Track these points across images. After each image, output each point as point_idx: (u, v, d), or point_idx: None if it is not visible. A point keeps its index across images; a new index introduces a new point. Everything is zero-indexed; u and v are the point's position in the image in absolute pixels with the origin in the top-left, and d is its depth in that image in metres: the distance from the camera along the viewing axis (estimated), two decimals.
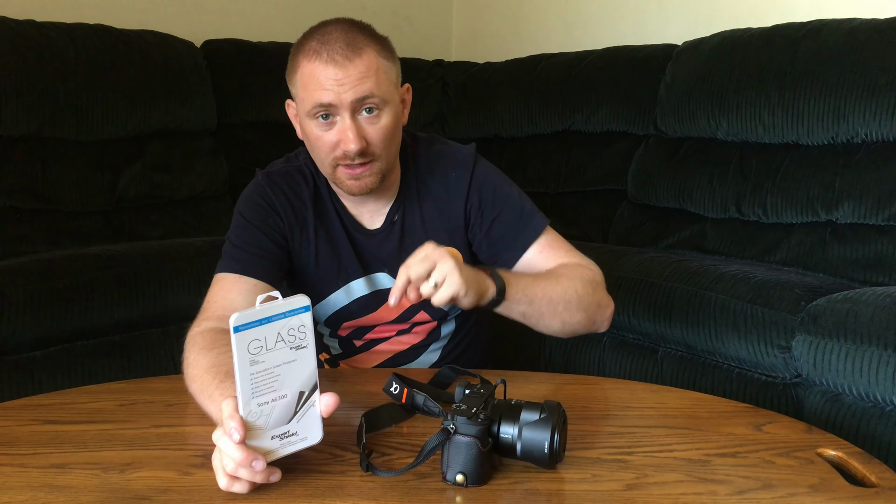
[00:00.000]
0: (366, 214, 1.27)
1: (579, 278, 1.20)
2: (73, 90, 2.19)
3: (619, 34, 2.71)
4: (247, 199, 1.25)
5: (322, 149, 1.15)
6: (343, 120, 1.12)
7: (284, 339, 0.82)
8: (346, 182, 1.17)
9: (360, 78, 1.10)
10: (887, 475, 0.86)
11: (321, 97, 1.11)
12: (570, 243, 1.29)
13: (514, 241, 1.25)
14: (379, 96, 1.12)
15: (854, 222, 1.87)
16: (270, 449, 0.82)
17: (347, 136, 1.11)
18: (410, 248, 1.26)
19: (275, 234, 1.23)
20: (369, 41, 1.13)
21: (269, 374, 0.81)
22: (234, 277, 1.17)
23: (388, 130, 1.15)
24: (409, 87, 1.23)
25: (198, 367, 1.01)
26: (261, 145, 2.58)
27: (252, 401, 0.81)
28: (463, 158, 1.27)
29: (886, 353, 1.36)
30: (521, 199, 1.28)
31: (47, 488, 0.80)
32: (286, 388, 0.83)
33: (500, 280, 1.11)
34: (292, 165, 1.28)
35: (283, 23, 2.87)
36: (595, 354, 1.89)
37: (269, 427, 0.82)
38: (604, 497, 0.81)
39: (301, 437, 0.84)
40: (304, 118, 1.16)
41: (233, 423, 0.80)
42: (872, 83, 1.85)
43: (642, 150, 2.40)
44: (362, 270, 1.27)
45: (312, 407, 0.85)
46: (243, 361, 0.80)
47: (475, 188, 1.26)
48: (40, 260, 1.75)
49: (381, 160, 1.16)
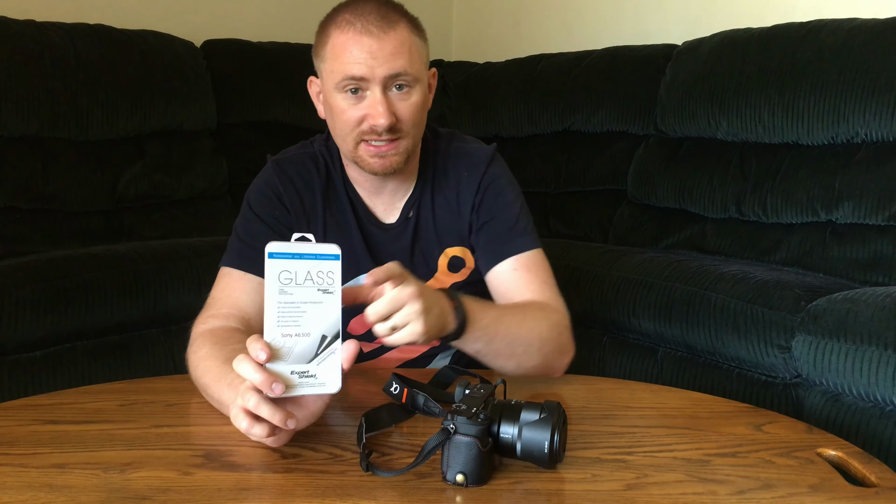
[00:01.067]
0: (380, 207, 1.24)
1: (546, 320, 1.13)
2: (73, 90, 2.19)
3: (619, 34, 2.72)
4: (255, 189, 1.23)
5: (347, 123, 1.12)
6: (373, 94, 1.09)
7: (313, 278, 0.85)
8: (368, 160, 1.14)
9: (393, 52, 1.08)
10: (887, 475, 0.86)
11: (353, 69, 1.08)
12: (552, 278, 1.22)
13: (493, 248, 1.21)
14: (411, 73, 1.10)
15: (854, 222, 1.87)
16: (289, 382, 0.84)
17: (377, 111, 1.08)
18: (422, 248, 1.25)
19: (281, 227, 1.20)
20: (402, 17, 1.11)
21: (296, 308, 0.85)
22: (239, 274, 1.16)
23: (417, 109, 1.13)
24: (435, 72, 1.20)
25: (213, 359, 1.00)
26: (261, 145, 2.57)
27: (277, 328, 0.84)
28: (478, 159, 1.24)
29: (886, 353, 1.36)
30: (521, 214, 1.24)
31: (47, 488, 0.80)
32: (310, 327, 0.85)
33: (462, 317, 1.01)
34: (305, 152, 1.25)
35: (283, 23, 2.87)
36: (595, 354, 1.89)
37: (290, 359, 0.84)
38: (604, 497, 0.81)
39: (320, 382, 0.86)
40: (330, 91, 1.12)
41: (258, 344, 0.82)
42: (872, 83, 1.85)
43: (642, 150, 2.40)
44: (373, 264, 1.23)
45: (333, 354, 0.86)
46: (272, 289, 0.84)
47: (482, 190, 1.23)
48: (40, 260, 1.75)
49: (407, 138, 1.13)
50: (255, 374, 0.82)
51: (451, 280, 1.27)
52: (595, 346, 1.89)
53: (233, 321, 1.12)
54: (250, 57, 2.64)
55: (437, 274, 1.26)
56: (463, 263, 1.27)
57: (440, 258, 1.26)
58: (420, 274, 1.25)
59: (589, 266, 1.92)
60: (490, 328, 1.05)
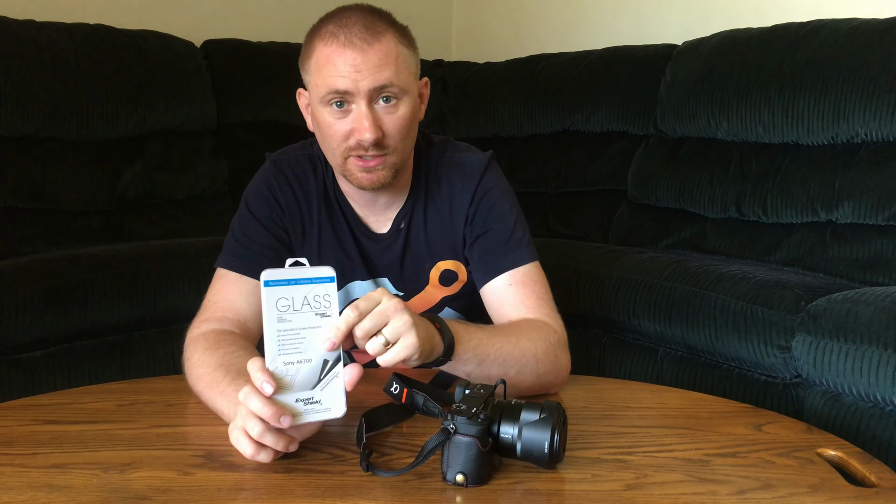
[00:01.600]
0: (372, 217, 1.22)
1: (542, 340, 1.09)
2: (73, 90, 2.19)
3: (619, 34, 2.71)
4: (253, 188, 1.22)
5: (334, 138, 1.09)
6: (358, 108, 1.06)
7: (310, 303, 0.85)
8: (356, 175, 1.11)
9: (378, 64, 1.05)
10: (887, 475, 0.86)
11: (336, 83, 1.05)
12: (548, 292, 1.18)
13: (489, 263, 1.18)
14: (398, 85, 1.07)
15: (854, 222, 1.87)
16: (295, 411, 0.84)
17: (362, 125, 1.06)
18: (413, 259, 1.23)
19: (277, 228, 1.20)
20: (389, 27, 1.08)
21: (295, 335, 0.84)
22: (235, 277, 1.15)
23: (406, 122, 1.09)
24: (427, 81, 1.17)
25: (205, 366, 1.00)
26: (261, 145, 2.54)
27: (279, 357, 0.83)
28: (472, 169, 1.20)
29: (886, 353, 1.36)
30: (517, 226, 1.20)
31: (47, 488, 0.80)
32: (311, 352, 0.84)
33: (449, 337, 0.97)
34: (304, 154, 1.23)
35: (283, 23, 2.87)
36: (595, 354, 1.89)
37: (295, 388, 0.84)
38: (604, 497, 0.81)
39: (325, 407, 0.85)
40: (316, 105, 1.10)
41: (263, 375, 0.81)
42: (872, 83, 1.85)
43: (642, 150, 2.40)
44: (367, 273, 1.23)
45: (336, 378, 0.86)
46: (271, 317, 0.83)
47: (476, 201, 1.20)
48: (40, 260, 1.75)
49: (395, 154, 1.10)
50: (264, 408, 0.81)
51: (442, 293, 1.26)
52: (595, 346, 1.89)
53: (227, 324, 1.11)
54: (250, 57, 2.64)
55: (429, 287, 1.25)
56: (455, 277, 1.25)
57: (431, 271, 1.24)
58: (411, 286, 1.25)
59: (589, 266, 1.92)
60: (480, 349, 1.02)
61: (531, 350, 1.07)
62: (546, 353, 1.08)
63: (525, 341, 1.07)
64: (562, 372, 1.12)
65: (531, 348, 1.07)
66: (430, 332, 0.94)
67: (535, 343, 1.08)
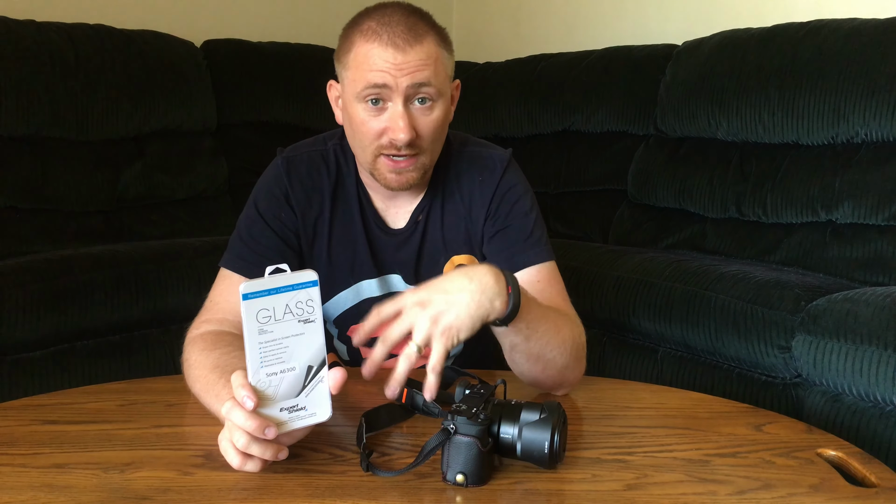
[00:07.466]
0: (392, 211, 1.21)
1: (579, 335, 1.09)
2: (73, 90, 2.19)
3: (619, 34, 2.71)
4: (263, 187, 1.20)
5: (367, 135, 1.09)
6: (395, 106, 1.06)
7: (293, 311, 0.83)
8: (385, 175, 1.11)
9: (419, 65, 1.05)
10: (887, 475, 0.86)
11: (375, 77, 1.05)
12: (565, 291, 1.18)
13: (507, 258, 1.17)
14: (435, 87, 1.07)
15: (854, 222, 1.87)
16: (280, 420, 0.83)
17: (398, 125, 1.06)
18: (429, 253, 1.22)
19: (285, 230, 1.18)
20: (430, 29, 1.08)
21: (278, 345, 0.82)
22: (239, 278, 1.14)
23: (439, 124, 1.10)
24: (458, 84, 1.17)
25: (201, 367, 1.00)
26: (261, 145, 2.58)
27: (261, 370, 0.82)
28: (493, 163, 1.21)
29: (886, 353, 1.36)
30: (536, 224, 1.20)
31: (47, 488, 0.80)
32: (294, 360, 0.84)
33: (516, 301, 0.94)
34: (317, 150, 1.21)
35: (283, 23, 2.87)
36: (595, 354, 1.89)
37: (278, 399, 0.83)
38: (604, 497, 0.81)
39: (310, 413, 0.85)
40: (350, 100, 1.09)
41: (244, 391, 0.80)
42: (872, 83, 1.85)
43: (642, 150, 2.40)
44: (376, 271, 1.22)
45: (321, 383, 0.85)
46: (252, 330, 0.81)
47: (498, 196, 1.20)
48: (40, 260, 1.75)
49: (426, 155, 1.11)
50: (247, 422, 0.80)
51: None
52: (595, 346, 1.89)
53: (227, 326, 1.11)
54: (250, 57, 2.64)
55: None
56: None
57: (446, 265, 1.24)
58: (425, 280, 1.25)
59: (589, 266, 1.92)
60: (533, 324, 1.00)
61: (569, 338, 1.06)
62: (575, 349, 1.07)
63: (564, 329, 1.06)
64: (578, 375, 1.11)
65: (569, 336, 1.06)
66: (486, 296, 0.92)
67: (573, 330, 1.08)
